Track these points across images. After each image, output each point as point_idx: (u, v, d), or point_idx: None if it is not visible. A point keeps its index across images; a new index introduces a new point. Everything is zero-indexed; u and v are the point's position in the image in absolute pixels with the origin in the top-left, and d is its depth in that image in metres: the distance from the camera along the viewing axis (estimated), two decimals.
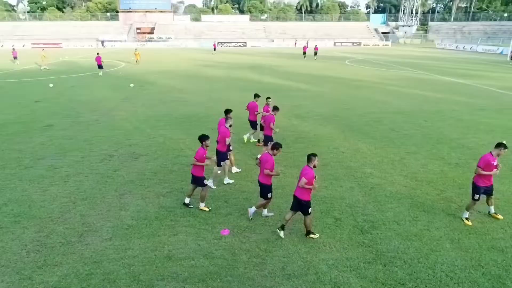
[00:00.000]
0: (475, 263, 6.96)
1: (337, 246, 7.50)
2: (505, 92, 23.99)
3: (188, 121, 17.03)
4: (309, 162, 7.30)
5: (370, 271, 6.76)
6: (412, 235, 7.88)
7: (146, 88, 25.53)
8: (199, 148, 8.48)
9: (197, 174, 8.53)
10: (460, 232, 7.98)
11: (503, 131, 15.48)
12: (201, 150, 8.40)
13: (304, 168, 7.36)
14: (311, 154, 7.32)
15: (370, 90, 25.04)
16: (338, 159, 12.27)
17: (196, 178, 8.60)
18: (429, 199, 9.48)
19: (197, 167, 8.45)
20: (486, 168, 7.97)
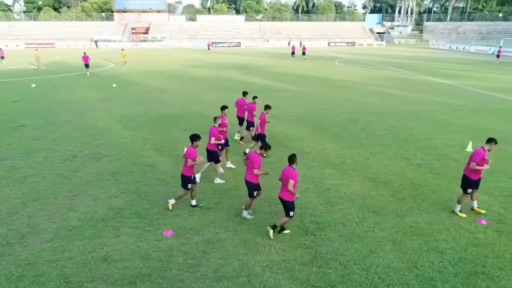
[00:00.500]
0: (411, 265, 6.92)
1: (276, 248, 7.45)
2: (486, 92, 23.97)
3: (160, 121, 16.99)
4: (292, 163, 7.35)
5: (304, 273, 6.72)
6: (355, 237, 7.84)
7: (128, 88, 25.49)
8: (190, 148, 8.46)
9: (186, 174, 8.49)
10: (404, 234, 7.95)
11: (474, 131, 15.46)
12: (194, 151, 8.41)
13: (288, 169, 7.34)
14: (293, 155, 7.38)
15: (353, 90, 25.01)
16: (301, 160, 12.15)
17: (182, 177, 8.55)
18: (381, 200, 9.44)
19: (188, 168, 8.41)
20: (480, 163, 8.16)
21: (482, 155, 8.21)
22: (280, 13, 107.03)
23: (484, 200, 9.42)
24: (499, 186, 10.24)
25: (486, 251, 7.33)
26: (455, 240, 7.70)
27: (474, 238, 7.81)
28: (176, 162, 11.93)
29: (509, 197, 9.58)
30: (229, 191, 9.97)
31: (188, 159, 8.36)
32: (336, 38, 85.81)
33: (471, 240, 7.71)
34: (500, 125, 16.31)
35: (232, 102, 14.32)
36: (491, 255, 7.23)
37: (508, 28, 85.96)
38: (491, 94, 23.53)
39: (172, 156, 12.51)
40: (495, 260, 7.07)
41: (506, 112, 18.74)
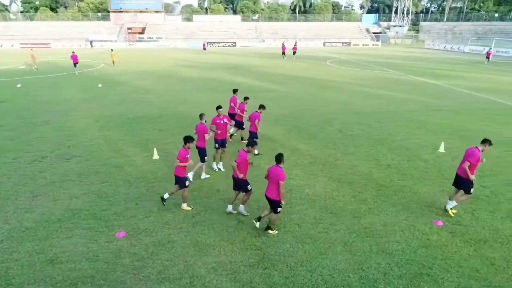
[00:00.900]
0: (358, 267, 6.88)
1: (226, 249, 7.42)
2: (470, 93, 23.92)
3: (138, 122, 16.97)
4: (279, 162, 7.41)
5: (248, 274, 6.69)
6: (308, 238, 7.81)
7: (114, 89, 25.45)
8: (181, 149, 8.55)
9: (179, 174, 8.57)
10: (358, 235, 7.91)
11: (451, 132, 15.43)
12: (183, 151, 8.49)
13: (275, 169, 7.39)
14: (280, 155, 7.48)
15: (338, 90, 24.96)
16: (271, 160, 12.15)
17: (178, 179, 8.63)
18: (342, 201, 9.41)
19: (179, 168, 8.49)
20: (475, 164, 8.19)
21: (478, 156, 8.16)
22: (277, 13, 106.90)
23: (445, 201, 9.36)
24: None
25: (435, 253, 7.30)
26: (407, 242, 7.67)
27: (427, 239, 7.77)
28: (144, 163, 11.92)
29: (471, 198, 9.51)
30: (193, 191, 9.91)
31: (177, 159, 8.45)
32: (332, 38, 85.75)
33: (423, 242, 7.68)
34: (477, 125, 16.28)
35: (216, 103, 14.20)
36: (440, 256, 7.20)
37: (504, 28, 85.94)
38: (476, 94, 23.48)
39: (141, 157, 12.49)
40: (443, 261, 7.04)
41: (487, 112, 18.70)
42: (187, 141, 8.53)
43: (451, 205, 8.73)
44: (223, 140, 11.25)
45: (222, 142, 11.24)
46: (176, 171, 8.63)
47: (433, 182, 10.52)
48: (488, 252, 7.33)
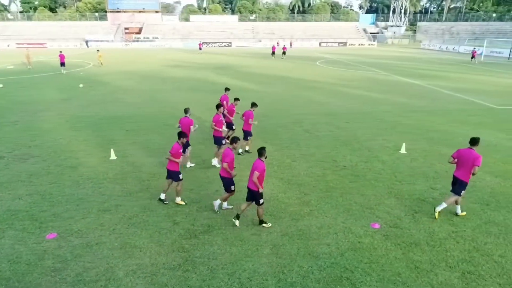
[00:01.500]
0: (279, 270, 6.81)
1: (152, 252, 7.36)
2: (451, 93, 23.78)
3: (108, 122, 16.96)
4: (260, 156, 7.68)
5: (166, 277, 6.63)
6: (238, 240, 7.74)
7: (95, 89, 25.47)
8: (175, 144, 8.77)
9: (173, 168, 8.75)
10: (290, 237, 7.84)
11: (419, 133, 15.34)
12: (177, 146, 8.72)
13: (256, 161, 7.64)
14: (262, 148, 7.72)
15: (320, 91, 24.87)
16: None
17: (171, 173, 8.80)
18: (285, 203, 9.33)
19: (172, 162, 8.67)
20: None
21: (481, 158, 8.06)
22: (275, 13, 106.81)
23: (389, 204, 9.28)
24: (413, 189, 10.10)
25: (362, 256, 7.21)
26: (337, 244, 7.58)
27: (358, 242, 7.69)
28: (99, 164, 11.89)
29: (416, 201, 9.44)
30: (138, 193, 9.87)
31: (170, 153, 8.62)
32: (329, 39, 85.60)
33: (353, 245, 7.59)
34: (447, 126, 16.17)
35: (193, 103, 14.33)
36: (366, 260, 7.11)
37: (501, 28, 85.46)
38: (456, 95, 23.34)
39: (98, 157, 12.46)
40: (367, 265, 6.95)
41: (461, 113, 18.57)
42: (180, 136, 8.78)
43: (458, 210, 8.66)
44: (221, 138, 11.48)
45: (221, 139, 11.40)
46: (169, 165, 8.82)
47: (383, 184, 10.42)
48: (416, 255, 7.24)
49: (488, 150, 13.09)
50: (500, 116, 17.86)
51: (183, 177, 9.24)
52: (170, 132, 15.32)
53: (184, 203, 9.19)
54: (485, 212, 8.88)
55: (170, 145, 13.59)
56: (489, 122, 16.86)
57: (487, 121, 17.04)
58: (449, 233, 8.00)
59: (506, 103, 20.73)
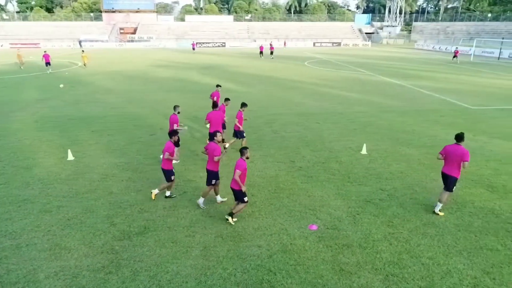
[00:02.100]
0: (202, 272, 6.77)
1: (80, 253, 7.33)
2: (431, 93, 23.71)
3: (77, 122, 16.94)
4: (242, 155, 7.94)
5: (86, 279, 6.59)
6: (170, 242, 7.70)
7: (76, 89, 25.45)
8: (168, 143, 8.96)
9: (166, 167, 9.00)
10: (223, 239, 7.79)
11: (387, 133, 15.30)
12: (169, 144, 8.91)
13: (238, 160, 7.88)
14: (243, 148, 8.03)
15: (300, 91, 24.81)
16: (185, 162, 12.09)
17: (164, 172, 9.06)
18: (230, 204, 9.25)
19: (166, 161, 8.91)
20: None
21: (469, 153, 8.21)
22: (270, 13, 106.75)
23: (334, 205, 9.23)
24: (362, 190, 10.05)
25: (291, 258, 7.16)
26: (268, 246, 7.53)
27: (291, 244, 7.64)
28: (55, 165, 11.85)
29: (362, 202, 9.39)
30: (84, 194, 9.83)
31: (165, 152, 8.82)
32: (324, 39, 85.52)
33: (285, 246, 7.54)
34: (416, 127, 16.14)
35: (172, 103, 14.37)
36: (293, 262, 7.07)
37: (496, 28, 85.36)
38: (435, 95, 23.27)
39: (56, 158, 12.43)
40: (292, 267, 6.90)
41: (435, 113, 18.51)
42: (172, 135, 9.06)
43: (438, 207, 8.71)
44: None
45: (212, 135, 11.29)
46: (163, 165, 9.04)
47: (334, 185, 10.36)
48: (345, 257, 7.18)
49: None
50: (472, 116, 17.79)
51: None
52: (137, 133, 15.33)
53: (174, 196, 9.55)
54: (427, 213, 8.82)
55: (132, 145, 13.67)
56: (460, 122, 16.79)
57: (458, 121, 16.97)
58: (385, 235, 7.94)
59: (481, 103, 20.66)
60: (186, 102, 20.11)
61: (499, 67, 39.96)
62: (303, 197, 9.72)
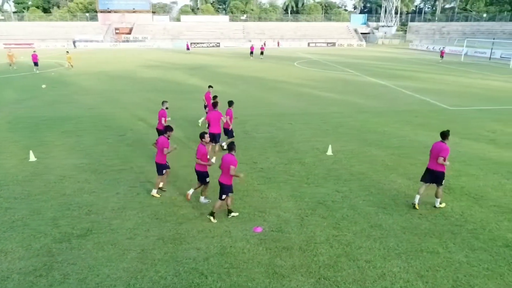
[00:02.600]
0: (134, 275, 6.72)
1: (15, 256, 7.29)
2: (412, 94, 23.65)
3: (50, 123, 16.91)
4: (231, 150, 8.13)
5: (14, 282, 6.55)
6: (110, 244, 7.64)
7: (57, 89, 25.42)
8: (162, 138, 9.22)
9: (160, 161, 9.28)
10: (164, 242, 7.73)
11: (357, 134, 15.24)
12: (163, 139, 9.14)
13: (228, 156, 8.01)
14: (232, 143, 8.37)
15: (280, 91, 24.74)
16: (140, 164, 12.00)
17: (157, 165, 9.36)
18: (177, 206, 9.19)
19: (160, 155, 9.18)
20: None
21: (448, 150, 8.53)
22: (267, 13, 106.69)
23: (285, 207, 9.15)
24: (317, 192, 9.98)
25: (226, 261, 7.10)
26: (207, 249, 7.46)
27: (231, 246, 7.57)
28: (14, 166, 11.78)
29: (314, 204, 9.32)
30: (36, 195, 9.75)
31: (161, 148, 9.08)
32: (319, 39, 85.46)
33: (224, 249, 7.47)
34: (388, 128, 16.07)
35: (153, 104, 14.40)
36: (228, 265, 7.00)
37: (492, 29, 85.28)
38: (415, 95, 23.19)
39: (19, 159, 12.36)
40: (225, 270, 6.84)
41: (410, 114, 18.45)
42: (167, 130, 9.27)
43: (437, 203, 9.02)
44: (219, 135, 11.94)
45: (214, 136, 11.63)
46: (157, 159, 9.32)
47: (290, 187, 10.29)
48: (282, 260, 7.11)
49: (414, 151, 13.00)
50: (448, 117, 17.71)
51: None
52: (106, 134, 15.27)
53: (158, 196, 9.58)
54: (377, 215, 8.75)
55: (98, 147, 13.59)
56: (433, 123, 16.71)
57: (432, 122, 16.89)
58: (329, 237, 7.86)
59: (461, 104, 20.59)
60: None
61: (488, 67, 39.89)
62: (256, 198, 9.64)
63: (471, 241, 7.70)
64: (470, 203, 9.33)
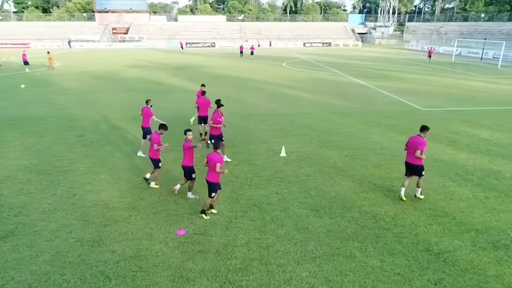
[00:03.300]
0: (37, 278, 6.67)
1: None
2: (389, 94, 23.51)
3: (15, 123, 16.94)
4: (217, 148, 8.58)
5: None
6: (27, 246, 7.62)
7: (36, 89, 25.49)
8: (154, 134, 9.76)
9: (154, 157, 9.81)
10: (82, 244, 7.68)
11: (318, 135, 15.15)
12: (157, 136, 9.69)
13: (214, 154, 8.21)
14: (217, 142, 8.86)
15: (258, 92, 24.67)
16: (88, 164, 11.94)
17: (152, 160, 9.92)
18: (110, 208, 9.13)
19: (153, 151, 9.69)
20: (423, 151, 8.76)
21: (425, 142, 8.72)
22: (264, 13, 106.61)
23: (219, 209, 9.06)
24: (256, 194, 9.90)
25: (137, 264, 7.03)
26: (123, 251, 7.41)
27: (147, 249, 7.51)
28: None
29: (249, 206, 9.22)
30: None
31: (153, 143, 9.58)
32: (316, 39, 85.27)
33: (139, 252, 7.42)
34: (353, 129, 15.99)
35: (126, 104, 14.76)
36: (137, 268, 6.93)
37: (489, 29, 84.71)
38: (392, 96, 23.07)
39: None
40: (132, 273, 6.78)
41: (379, 114, 18.30)
42: (160, 128, 9.74)
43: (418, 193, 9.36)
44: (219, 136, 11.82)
45: (218, 137, 11.70)
46: (150, 154, 9.86)
47: (231, 189, 10.20)
48: (194, 263, 7.03)
49: (370, 153, 12.91)
50: (417, 118, 17.53)
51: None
52: (67, 134, 15.26)
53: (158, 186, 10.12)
54: (307, 218, 8.65)
55: (54, 147, 13.55)
56: (400, 124, 16.58)
57: (399, 123, 16.74)
58: (249, 241, 7.78)
59: (435, 105, 20.41)
60: (134, 103, 20.01)
61: (476, 67, 39.59)
62: (191, 201, 9.53)
63: (393, 245, 7.56)
64: (406, 206, 9.19)
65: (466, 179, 10.63)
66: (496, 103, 21.01)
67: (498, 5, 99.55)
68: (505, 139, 14.40)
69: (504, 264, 6.96)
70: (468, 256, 7.21)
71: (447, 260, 7.10)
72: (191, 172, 9.24)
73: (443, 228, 8.21)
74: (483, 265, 6.94)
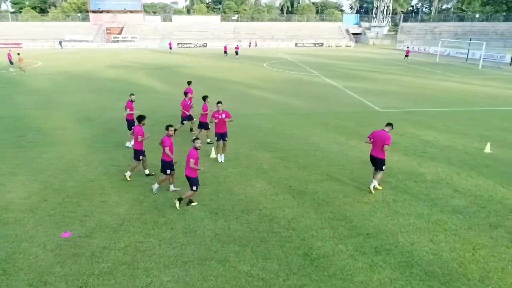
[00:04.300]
0: None
1: None
2: (355, 95, 23.36)
3: None
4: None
5: None
6: None
7: (3, 89, 25.48)
8: (137, 127, 10.16)
9: (138, 148, 10.29)
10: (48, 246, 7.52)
11: (261, 136, 15.10)
12: (140, 128, 10.10)
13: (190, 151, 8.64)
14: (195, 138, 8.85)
15: (224, 93, 24.52)
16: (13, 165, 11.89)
17: (134, 151, 10.41)
18: (47, 209, 9.02)
19: (138, 143, 10.15)
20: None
21: (390, 137, 9.12)
22: (260, 13, 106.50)
23: (117, 211, 8.96)
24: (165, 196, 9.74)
25: (1, 267, 6.88)
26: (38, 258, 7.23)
27: (21, 252, 7.45)
28: None
29: (150, 208, 9.12)
30: None
31: (137, 135, 10.03)
32: (309, 39, 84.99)
33: (12, 255, 7.37)
34: (296, 130, 15.89)
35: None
36: (1, 272, 6.77)
37: (484, 29, 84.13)
38: (357, 97, 22.90)
39: None
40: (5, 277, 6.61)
41: (331, 116, 18.18)
42: (141, 119, 10.19)
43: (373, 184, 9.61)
44: (223, 134, 11.96)
45: (222, 135, 11.90)
46: (135, 146, 10.31)
47: (139, 191, 10.06)
48: (60, 267, 6.93)
49: (302, 154, 12.83)
50: (369, 119, 17.33)
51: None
52: (8, 135, 15.26)
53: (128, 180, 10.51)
54: (202, 221, 8.54)
55: None
56: (346, 125, 16.43)
57: (346, 124, 16.59)
58: (130, 244, 7.69)
59: (395, 106, 20.22)
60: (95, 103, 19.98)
61: (457, 68, 39.24)
62: (95, 202, 9.45)
63: (272, 250, 7.42)
64: (309, 209, 9.05)
65: (384, 182, 10.44)
66: (458, 104, 20.79)
67: (495, 5, 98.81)
68: (447, 141, 14.19)
69: (375, 270, 6.79)
70: (344, 262, 7.04)
71: (320, 265, 6.94)
72: (166, 167, 9.49)
73: (334, 232, 8.05)
74: (353, 270, 6.78)
